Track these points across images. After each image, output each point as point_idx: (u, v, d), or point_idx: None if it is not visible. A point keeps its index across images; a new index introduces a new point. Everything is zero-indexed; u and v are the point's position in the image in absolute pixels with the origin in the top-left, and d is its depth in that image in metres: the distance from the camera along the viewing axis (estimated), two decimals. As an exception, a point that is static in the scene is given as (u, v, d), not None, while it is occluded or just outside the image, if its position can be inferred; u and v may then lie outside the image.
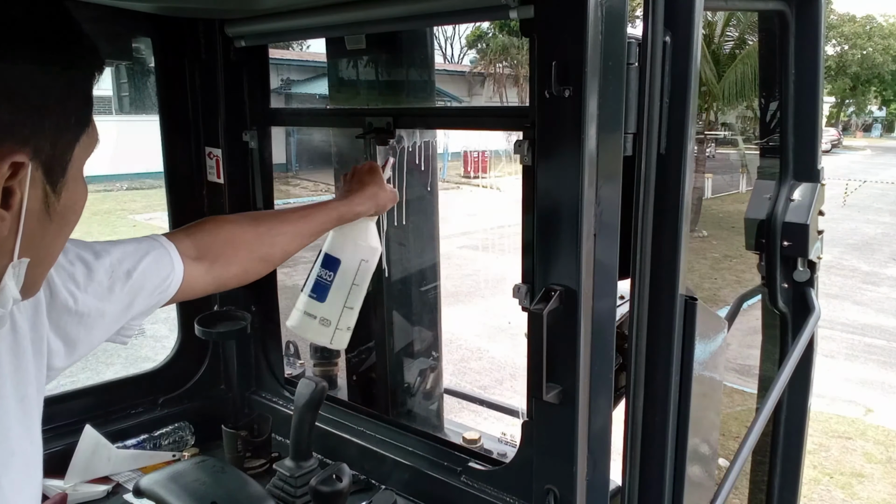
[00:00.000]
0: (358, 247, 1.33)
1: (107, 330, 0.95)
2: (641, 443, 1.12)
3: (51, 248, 0.69)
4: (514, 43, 26.23)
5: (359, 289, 1.33)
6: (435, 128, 1.87)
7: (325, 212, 1.28)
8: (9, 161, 0.57)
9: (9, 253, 0.62)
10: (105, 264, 0.94)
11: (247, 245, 1.17)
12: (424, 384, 1.96)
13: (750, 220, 1.59)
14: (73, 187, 0.67)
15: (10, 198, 0.59)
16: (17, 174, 0.58)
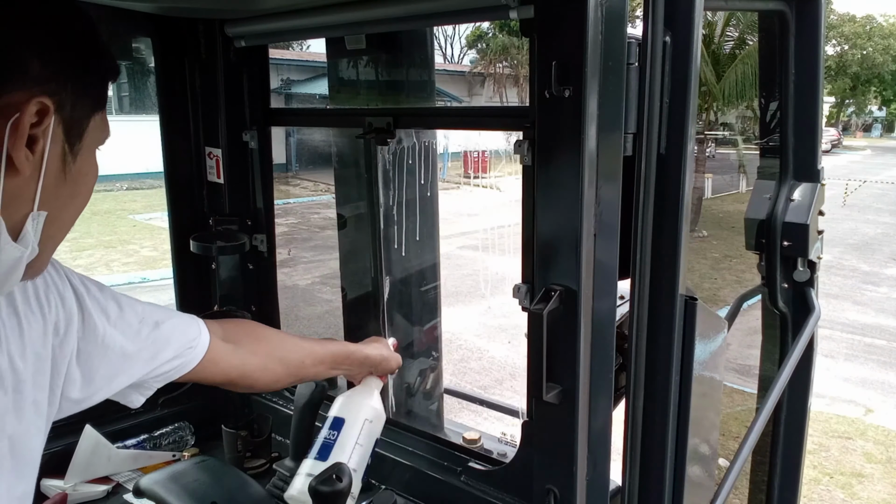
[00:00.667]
0: (363, 406, 1.35)
1: (126, 375, 0.98)
2: (641, 443, 1.12)
3: (63, 212, 0.76)
4: (514, 43, 26.23)
5: (362, 450, 1.31)
6: (435, 128, 1.87)
7: (338, 343, 1.38)
8: (38, 102, 0.67)
9: (30, 201, 0.70)
10: (137, 309, 1.00)
11: (269, 342, 1.24)
12: (424, 384, 1.96)
13: (750, 220, 1.59)
14: (86, 157, 0.76)
15: (34, 144, 0.68)
16: (41, 122, 0.68)
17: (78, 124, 0.74)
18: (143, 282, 9.75)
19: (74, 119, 0.73)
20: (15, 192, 0.68)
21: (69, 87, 0.71)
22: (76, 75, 0.72)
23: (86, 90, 0.74)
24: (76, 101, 0.73)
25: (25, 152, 0.67)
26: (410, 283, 1.90)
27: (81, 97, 0.73)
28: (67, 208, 0.76)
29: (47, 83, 0.68)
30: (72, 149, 0.73)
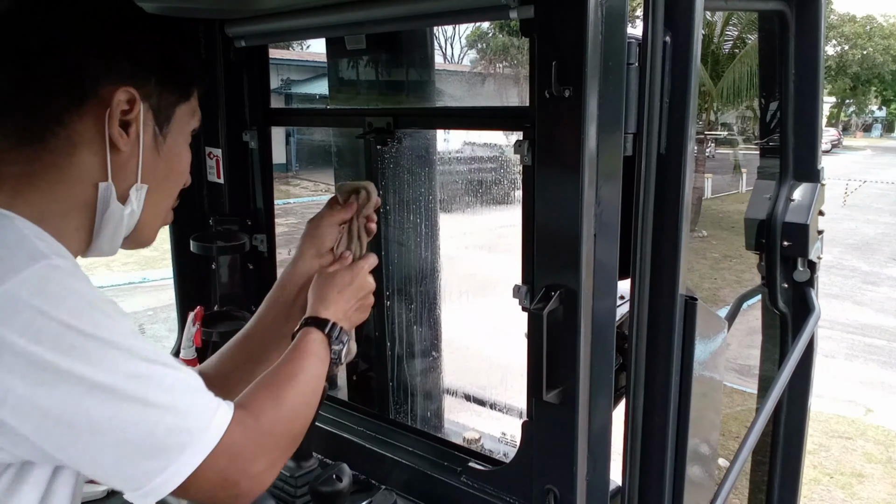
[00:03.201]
0: None
1: None
2: (641, 443, 1.12)
3: (161, 186, 0.91)
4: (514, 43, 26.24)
5: None
6: (435, 128, 1.87)
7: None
8: (127, 92, 0.82)
9: (133, 174, 0.86)
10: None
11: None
12: (424, 384, 1.96)
13: (750, 220, 1.59)
14: (176, 139, 0.92)
15: (128, 127, 0.84)
16: (132, 109, 0.83)
17: (165, 111, 0.89)
18: (143, 282, 9.75)
19: (161, 107, 0.88)
20: (119, 166, 0.85)
21: (153, 81, 0.86)
22: (159, 71, 0.87)
23: (168, 83, 0.89)
24: (161, 92, 0.88)
25: (120, 132, 0.83)
26: (411, 283, 1.90)
27: (165, 89, 0.89)
28: (164, 183, 0.92)
29: (134, 78, 0.84)
30: (161, 131, 0.89)
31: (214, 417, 0.77)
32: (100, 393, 0.70)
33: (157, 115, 0.88)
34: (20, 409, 0.68)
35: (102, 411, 0.70)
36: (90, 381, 0.69)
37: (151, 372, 0.74)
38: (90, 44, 0.83)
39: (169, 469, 0.73)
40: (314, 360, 0.99)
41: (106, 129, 0.82)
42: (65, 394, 0.68)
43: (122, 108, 0.83)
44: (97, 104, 0.82)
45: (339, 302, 1.07)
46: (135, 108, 0.84)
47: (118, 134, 0.83)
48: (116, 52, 0.84)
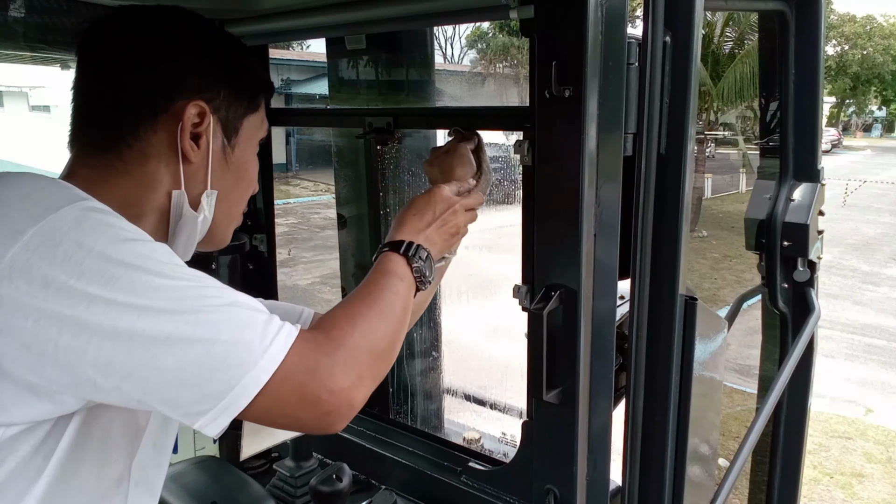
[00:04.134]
0: None
1: None
2: (641, 443, 1.12)
3: (230, 193, 0.96)
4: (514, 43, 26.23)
5: None
6: (435, 128, 1.87)
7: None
8: (197, 105, 0.87)
9: (203, 182, 0.92)
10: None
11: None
12: (424, 384, 1.96)
13: (750, 220, 1.59)
14: (244, 150, 0.96)
15: (198, 139, 0.89)
16: (202, 122, 0.88)
17: (233, 122, 0.94)
18: (143, 282, 9.72)
19: (229, 119, 0.93)
20: (190, 175, 0.90)
21: (222, 94, 0.91)
22: (228, 85, 0.92)
23: (236, 97, 0.94)
24: (229, 105, 0.93)
25: (191, 144, 0.88)
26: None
27: (233, 102, 0.93)
28: (233, 190, 0.97)
29: (204, 92, 0.89)
30: (230, 142, 0.94)
31: (278, 334, 0.73)
32: (151, 317, 0.68)
33: (226, 127, 0.93)
34: (77, 345, 0.67)
35: (156, 335, 0.68)
36: (139, 308, 0.68)
37: (201, 291, 0.72)
38: (166, 60, 0.88)
39: (235, 389, 0.69)
40: (391, 277, 0.97)
41: (178, 141, 0.87)
42: (116, 321, 0.67)
43: (193, 121, 0.88)
44: (170, 118, 0.87)
45: (415, 223, 1.08)
46: (205, 121, 0.89)
47: (189, 146, 0.88)
48: (188, 67, 0.89)
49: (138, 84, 0.87)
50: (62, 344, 0.66)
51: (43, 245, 0.67)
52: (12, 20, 1.46)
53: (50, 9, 1.48)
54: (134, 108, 0.87)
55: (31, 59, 1.76)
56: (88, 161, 0.87)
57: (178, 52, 0.90)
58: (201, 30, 0.95)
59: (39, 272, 0.66)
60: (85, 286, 0.67)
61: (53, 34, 1.51)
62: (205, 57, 0.92)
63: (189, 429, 1.67)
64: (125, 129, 0.86)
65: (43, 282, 0.66)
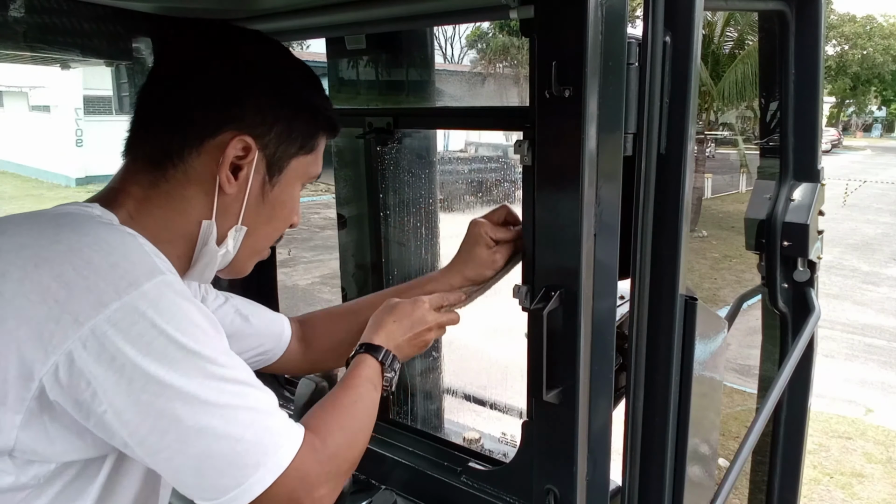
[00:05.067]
0: None
1: None
2: (641, 443, 1.12)
3: (260, 229, 0.95)
4: (514, 43, 26.22)
5: None
6: (435, 128, 1.87)
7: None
8: (242, 139, 0.86)
9: (234, 217, 0.91)
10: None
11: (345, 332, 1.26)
12: (424, 384, 1.96)
13: (750, 220, 1.59)
14: (284, 189, 0.94)
15: (238, 171, 0.88)
16: (246, 156, 0.87)
17: (279, 162, 0.92)
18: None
19: (276, 157, 0.91)
20: (224, 207, 0.89)
21: (274, 132, 0.89)
22: (285, 124, 0.90)
23: (290, 136, 0.92)
24: (280, 144, 0.91)
25: (229, 176, 0.87)
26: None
27: (285, 141, 0.91)
28: (264, 227, 0.95)
29: (256, 127, 0.88)
30: (271, 180, 0.92)
31: (289, 439, 0.81)
32: (193, 405, 0.74)
33: (270, 165, 0.91)
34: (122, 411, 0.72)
35: (192, 424, 0.74)
36: (186, 394, 0.73)
37: (239, 390, 0.78)
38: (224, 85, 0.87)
39: (244, 485, 0.76)
40: (370, 386, 1.03)
41: (217, 172, 0.87)
42: (163, 402, 0.73)
43: (236, 154, 0.87)
44: (215, 146, 0.86)
45: (395, 331, 1.11)
46: (249, 156, 0.88)
47: (226, 178, 0.87)
48: (245, 97, 0.87)
49: (193, 105, 0.87)
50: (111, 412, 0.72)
51: (123, 320, 0.72)
52: (12, 20, 1.46)
53: (50, 9, 1.48)
54: (184, 129, 0.87)
55: (31, 59, 1.75)
56: (138, 178, 0.88)
57: (238, 80, 0.88)
58: (272, 58, 0.92)
59: (113, 345, 0.71)
60: (147, 364, 0.72)
61: (53, 34, 1.51)
62: (267, 90, 0.89)
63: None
64: (174, 148, 0.87)
65: (113, 354, 0.71)
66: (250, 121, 0.88)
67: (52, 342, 0.70)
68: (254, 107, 0.88)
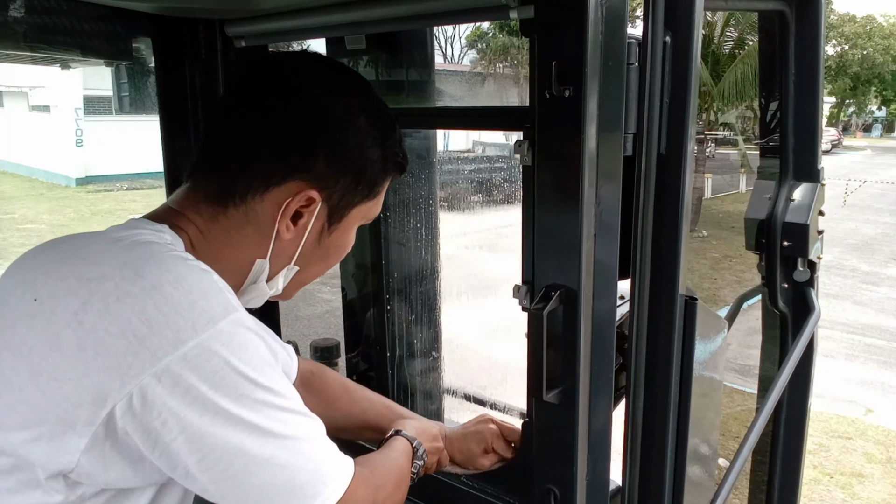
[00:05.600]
0: None
1: None
2: (641, 443, 1.12)
3: (311, 268, 0.97)
4: (514, 43, 26.22)
5: None
6: (435, 128, 1.87)
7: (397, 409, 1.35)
8: (308, 193, 0.87)
9: (288, 258, 0.92)
10: None
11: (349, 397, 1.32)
12: (424, 384, 1.96)
13: (750, 220, 1.59)
14: (342, 234, 0.96)
15: (298, 219, 0.88)
16: (309, 205, 0.88)
17: (341, 210, 0.92)
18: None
19: (339, 206, 0.92)
20: (279, 250, 0.90)
21: (340, 184, 0.89)
22: (354, 175, 0.90)
23: (356, 188, 0.92)
24: (345, 195, 0.91)
25: (288, 224, 0.87)
26: (411, 283, 1.90)
27: (351, 192, 0.91)
28: (315, 266, 0.97)
29: (323, 179, 0.87)
30: (330, 227, 0.93)
31: (343, 469, 0.84)
32: (259, 437, 0.76)
33: (332, 214, 0.92)
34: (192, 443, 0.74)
35: (258, 454, 0.76)
36: (253, 427, 0.76)
37: (299, 421, 0.81)
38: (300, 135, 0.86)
39: None
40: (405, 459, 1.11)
41: (277, 218, 0.87)
42: (231, 434, 0.75)
43: (299, 204, 0.87)
44: (279, 192, 0.86)
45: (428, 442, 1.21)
46: (311, 206, 0.88)
47: (286, 227, 0.88)
48: (318, 150, 0.87)
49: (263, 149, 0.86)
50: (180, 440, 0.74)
51: (197, 358, 0.73)
52: (12, 20, 1.46)
53: (50, 9, 1.48)
54: (251, 172, 0.86)
55: (31, 59, 1.75)
56: (199, 207, 0.88)
57: (313, 130, 0.87)
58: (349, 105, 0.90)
59: (187, 381, 0.73)
60: (219, 398, 0.74)
61: (53, 34, 1.51)
62: (341, 144, 0.88)
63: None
64: (238, 188, 0.87)
65: (186, 388, 0.73)
66: (318, 173, 0.87)
67: (129, 374, 0.72)
68: (325, 160, 0.87)
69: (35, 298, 0.75)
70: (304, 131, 0.86)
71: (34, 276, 0.78)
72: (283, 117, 0.86)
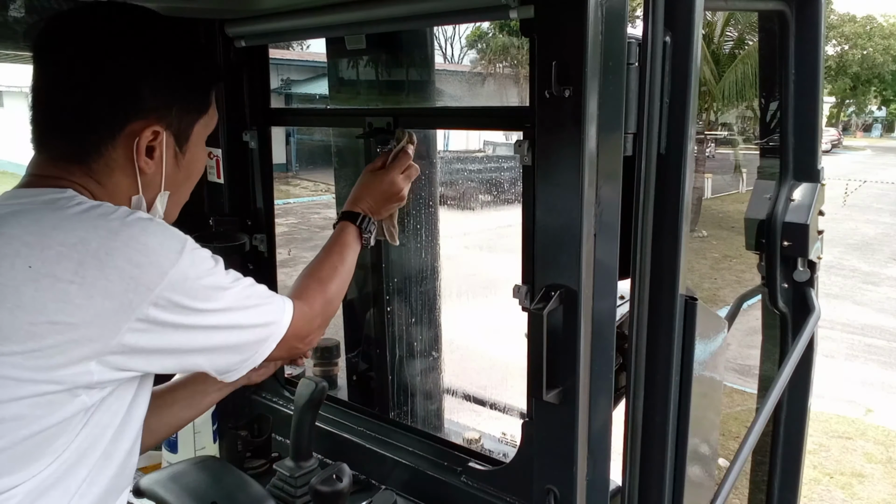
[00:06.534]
0: None
1: None
2: (641, 443, 1.12)
3: (181, 188, 1.09)
4: (514, 43, 26.20)
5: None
6: (435, 128, 1.87)
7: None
8: (151, 129, 0.98)
9: (158, 186, 1.03)
10: None
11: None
12: (424, 384, 1.96)
13: (750, 220, 1.59)
14: (194, 150, 1.07)
15: (153, 152, 1.00)
16: (156, 138, 0.99)
17: (184, 132, 1.04)
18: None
19: (182, 129, 1.03)
20: (147, 181, 1.01)
21: (175, 109, 1.01)
22: (181, 98, 1.02)
23: (189, 107, 1.04)
24: (182, 117, 1.02)
25: (145, 160, 0.99)
26: (411, 283, 1.90)
27: (186, 113, 1.03)
28: (183, 185, 1.09)
29: (157, 111, 0.99)
30: (181, 149, 1.04)
31: (284, 314, 1.06)
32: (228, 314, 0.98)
33: (178, 138, 1.03)
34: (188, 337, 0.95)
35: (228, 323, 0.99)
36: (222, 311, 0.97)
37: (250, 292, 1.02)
38: (121, 82, 0.96)
39: (255, 356, 1.03)
40: (349, 250, 1.31)
41: (134, 158, 0.98)
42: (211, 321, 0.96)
43: (147, 140, 0.98)
44: (126, 137, 0.97)
45: (369, 199, 1.37)
46: (158, 138, 0.99)
47: (144, 162, 0.99)
48: (140, 86, 0.97)
49: (99, 102, 0.96)
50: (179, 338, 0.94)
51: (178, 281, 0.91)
52: (12, 20, 1.46)
53: (50, 9, 1.48)
54: (95, 127, 0.97)
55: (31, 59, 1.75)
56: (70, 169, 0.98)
57: (133, 69, 0.97)
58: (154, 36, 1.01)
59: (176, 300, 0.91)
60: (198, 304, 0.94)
61: (53, 34, 1.51)
62: (156, 71, 0.99)
63: (189, 429, 1.66)
64: (89, 147, 0.97)
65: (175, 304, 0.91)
66: (150, 106, 0.98)
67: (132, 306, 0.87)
68: (150, 91, 0.98)
69: (29, 266, 0.85)
70: (127, 72, 0.97)
71: (14, 249, 0.87)
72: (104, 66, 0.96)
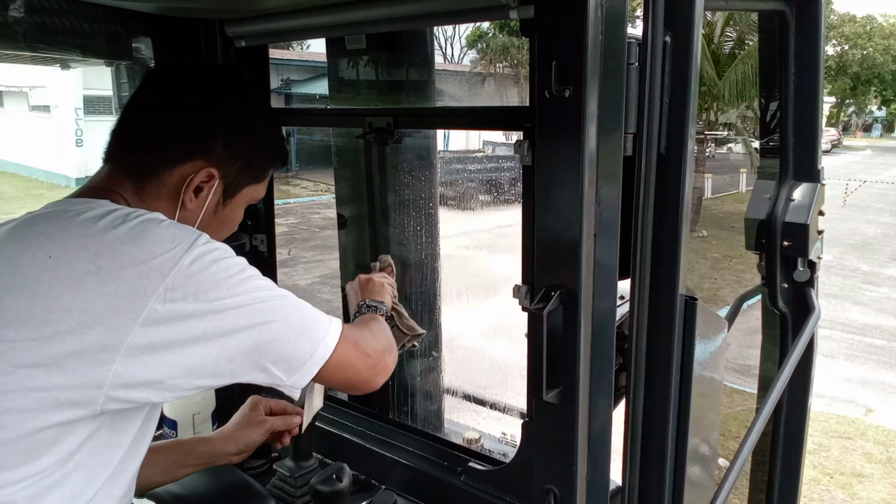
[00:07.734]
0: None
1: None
2: (641, 443, 1.12)
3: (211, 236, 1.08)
4: (514, 43, 26.20)
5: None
6: (435, 128, 1.87)
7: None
8: (208, 171, 1.06)
9: (192, 224, 1.06)
10: None
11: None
12: (424, 384, 1.96)
13: (750, 220, 1.59)
14: (233, 209, 1.15)
15: (200, 192, 1.07)
16: (209, 181, 1.07)
17: (234, 188, 1.12)
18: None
19: (233, 184, 1.11)
20: (183, 216, 1.06)
21: (236, 166, 1.09)
22: (245, 160, 1.11)
23: (248, 170, 1.12)
24: (238, 175, 1.11)
25: (191, 196, 1.06)
26: (411, 283, 1.90)
27: (243, 174, 1.11)
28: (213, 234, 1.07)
29: (221, 160, 1.07)
30: (224, 201, 1.12)
31: (332, 322, 1.05)
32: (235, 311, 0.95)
33: (227, 190, 1.11)
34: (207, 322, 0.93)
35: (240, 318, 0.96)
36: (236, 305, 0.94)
37: (276, 291, 1.01)
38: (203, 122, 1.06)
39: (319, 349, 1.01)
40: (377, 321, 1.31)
41: (182, 191, 1.05)
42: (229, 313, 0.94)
43: (201, 179, 1.05)
44: (185, 168, 1.05)
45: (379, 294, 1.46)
46: (211, 182, 1.07)
47: (189, 198, 1.06)
48: (218, 135, 1.06)
49: (174, 133, 1.05)
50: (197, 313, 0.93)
51: (192, 267, 0.92)
52: (12, 20, 1.46)
53: (50, 9, 1.48)
54: (163, 152, 1.04)
55: (31, 59, 1.75)
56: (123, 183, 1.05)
57: (215, 119, 1.07)
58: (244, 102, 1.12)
59: (191, 286, 0.91)
60: (210, 292, 0.92)
61: (53, 34, 1.51)
62: (237, 130, 1.09)
63: (189, 429, 1.66)
64: (152, 166, 1.04)
65: (190, 293, 0.91)
66: (218, 154, 1.06)
67: (147, 292, 0.89)
68: (224, 143, 1.06)
69: (49, 256, 0.90)
70: (208, 119, 1.07)
71: (38, 242, 0.92)
72: (191, 111, 1.07)
